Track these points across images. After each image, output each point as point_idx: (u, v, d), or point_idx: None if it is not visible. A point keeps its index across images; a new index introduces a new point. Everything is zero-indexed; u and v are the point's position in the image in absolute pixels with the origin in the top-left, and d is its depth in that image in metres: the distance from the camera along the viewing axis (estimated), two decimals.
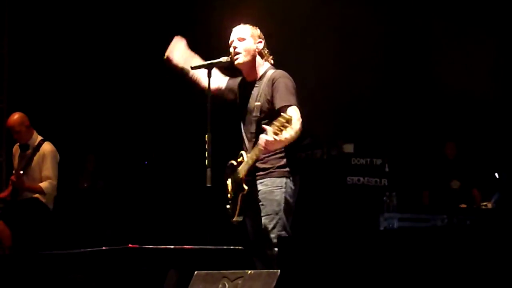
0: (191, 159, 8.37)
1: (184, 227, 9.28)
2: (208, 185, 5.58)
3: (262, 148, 5.33)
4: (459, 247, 4.41)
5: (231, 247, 6.42)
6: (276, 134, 5.14)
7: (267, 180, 5.58)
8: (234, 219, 5.69)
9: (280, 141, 5.22)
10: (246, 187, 5.56)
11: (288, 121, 5.10)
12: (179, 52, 6.01)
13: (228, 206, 5.77)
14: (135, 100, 10.17)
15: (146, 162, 10.63)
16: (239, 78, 5.94)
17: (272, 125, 5.15)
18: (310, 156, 10.18)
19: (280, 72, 5.68)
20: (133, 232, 9.02)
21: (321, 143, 10.18)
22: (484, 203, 9.41)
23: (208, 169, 5.54)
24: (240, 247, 6.08)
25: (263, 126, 5.31)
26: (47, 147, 8.58)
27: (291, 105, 5.47)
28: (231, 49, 5.73)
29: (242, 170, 5.62)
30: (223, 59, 5.72)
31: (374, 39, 9.56)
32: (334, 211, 9.47)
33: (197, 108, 6.28)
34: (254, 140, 5.58)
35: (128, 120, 10.22)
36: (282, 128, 5.12)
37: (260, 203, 5.57)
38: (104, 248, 6.22)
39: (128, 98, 10.16)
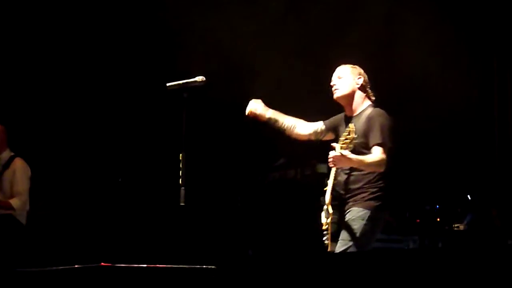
0: (165, 178, 8.36)
1: (158, 245, 9.25)
2: (182, 204, 5.59)
3: (332, 165, 5.59)
4: (431, 269, 4.44)
5: (204, 266, 6.41)
6: (342, 148, 5.49)
7: (353, 210, 5.78)
8: (329, 248, 5.82)
9: (348, 158, 5.53)
10: (331, 211, 5.69)
11: (350, 132, 5.44)
12: (260, 105, 6.04)
13: (324, 239, 5.89)
14: (110, 117, 10.14)
15: (120, 180, 10.60)
16: (340, 116, 6.08)
17: (339, 141, 5.53)
18: (284, 176, 10.20)
19: (378, 110, 5.88)
20: (106, 250, 8.98)
21: (295, 163, 10.21)
22: (457, 225, 9.45)
23: (182, 188, 5.56)
24: (213, 267, 6.08)
25: (332, 144, 5.64)
26: (17, 162, 8.61)
27: (380, 143, 5.70)
28: (332, 87, 5.97)
29: (327, 196, 5.83)
30: (198, 78, 5.76)
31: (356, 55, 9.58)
32: (307, 232, 9.47)
33: (171, 127, 6.30)
34: (349, 173, 5.79)
35: (103, 137, 10.19)
36: (346, 141, 5.43)
37: (341, 228, 5.78)
38: (76, 266, 6.20)
39: (103, 115, 10.14)
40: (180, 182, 5.56)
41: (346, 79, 5.93)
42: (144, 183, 10.32)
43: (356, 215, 5.78)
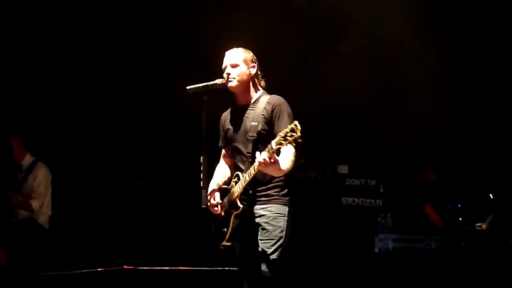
0: (186, 181, 8.38)
1: (179, 248, 9.28)
2: (203, 206, 5.60)
3: (258, 166, 5.37)
4: (454, 268, 4.45)
5: (226, 268, 6.43)
6: (280, 144, 5.22)
7: (271, 206, 5.62)
8: (223, 243, 5.69)
9: (279, 168, 5.35)
10: (240, 205, 5.59)
11: (293, 129, 5.18)
12: (212, 195, 5.92)
13: (213, 231, 5.77)
14: (131, 121, 10.18)
15: (141, 183, 10.64)
16: (225, 115, 5.97)
17: (278, 136, 5.21)
18: (305, 177, 10.21)
19: (278, 97, 5.74)
20: (128, 253, 9.02)
21: (316, 164, 10.21)
22: (479, 224, 9.41)
23: (203, 191, 5.56)
24: (235, 268, 6.10)
25: (262, 146, 5.39)
26: (39, 167, 8.77)
27: None
28: (224, 75, 5.78)
29: (237, 189, 5.65)
30: (218, 81, 5.74)
31: (372, 63, 9.61)
32: (329, 232, 9.48)
33: (192, 129, 6.31)
34: (250, 160, 5.60)
35: (124, 141, 10.23)
36: (288, 138, 5.20)
37: (261, 227, 5.60)
38: (99, 269, 6.24)
39: (124, 119, 10.18)
40: (201, 184, 5.55)
41: (241, 67, 5.75)
42: (165, 186, 10.35)
43: (276, 212, 5.60)
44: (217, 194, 5.79)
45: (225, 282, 6.29)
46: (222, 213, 5.75)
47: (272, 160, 5.30)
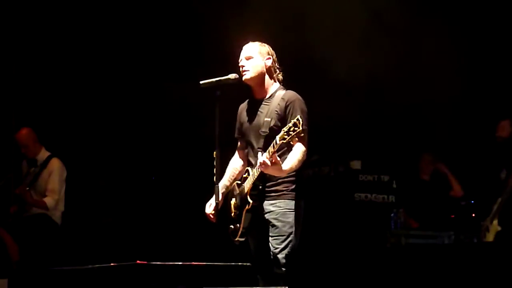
0: (199, 176, 8.38)
1: (193, 243, 9.29)
2: (216, 201, 5.61)
3: (259, 167, 5.41)
4: (467, 264, 4.42)
5: (239, 263, 6.44)
6: (283, 139, 5.27)
7: (280, 202, 5.64)
8: (237, 238, 5.70)
9: (281, 170, 5.38)
10: (251, 201, 5.61)
11: (295, 124, 5.19)
12: (211, 204, 5.93)
13: (231, 226, 5.78)
14: (144, 116, 10.19)
15: (153, 178, 10.64)
16: (242, 106, 5.98)
17: (282, 131, 5.30)
18: (318, 173, 10.19)
19: (293, 93, 5.75)
20: (142, 248, 9.03)
21: (329, 160, 10.20)
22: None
23: (216, 186, 5.57)
24: (248, 264, 6.10)
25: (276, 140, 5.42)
26: (54, 162, 8.74)
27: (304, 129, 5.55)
28: (240, 68, 5.79)
29: (247, 184, 5.67)
30: (231, 76, 5.75)
31: (381, 58, 9.57)
32: (341, 228, 9.46)
33: (205, 124, 6.32)
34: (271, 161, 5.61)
35: (137, 135, 10.24)
36: (291, 133, 5.21)
37: (270, 224, 5.61)
38: (112, 264, 6.25)
39: (136, 113, 10.19)
40: (214, 179, 5.56)
41: (255, 60, 5.78)
42: (178, 181, 10.35)
43: (285, 207, 5.65)
44: (212, 206, 5.80)
45: (238, 278, 6.29)
46: (234, 209, 5.77)
47: (273, 161, 5.32)
